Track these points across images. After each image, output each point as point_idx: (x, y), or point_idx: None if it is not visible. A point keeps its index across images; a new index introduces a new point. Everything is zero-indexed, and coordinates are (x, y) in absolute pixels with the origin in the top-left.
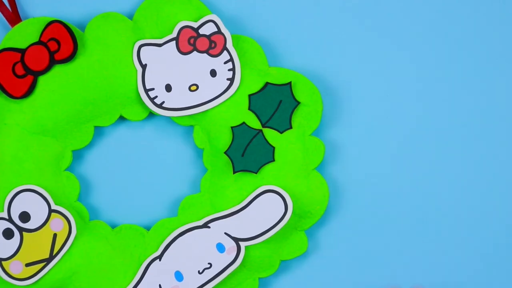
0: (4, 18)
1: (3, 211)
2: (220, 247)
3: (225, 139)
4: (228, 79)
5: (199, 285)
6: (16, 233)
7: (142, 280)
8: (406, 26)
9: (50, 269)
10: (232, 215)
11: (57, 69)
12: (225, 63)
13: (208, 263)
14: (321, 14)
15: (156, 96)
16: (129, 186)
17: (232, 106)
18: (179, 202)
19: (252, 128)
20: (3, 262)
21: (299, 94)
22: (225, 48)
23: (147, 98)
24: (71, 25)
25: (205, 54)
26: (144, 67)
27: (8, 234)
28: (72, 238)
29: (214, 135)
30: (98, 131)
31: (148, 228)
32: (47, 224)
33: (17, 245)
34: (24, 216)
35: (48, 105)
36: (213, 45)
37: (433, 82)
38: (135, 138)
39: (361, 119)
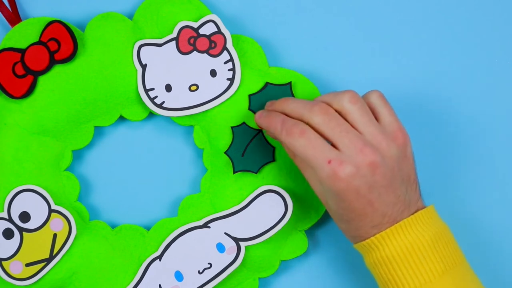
0: (4, 18)
1: (3, 211)
2: (220, 247)
3: (225, 139)
4: (228, 79)
5: (199, 285)
6: (16, 233)
7: (142, 280)
8: (404, 27)
9: (50, 269)
10: (232, 215)
11: (57, 69)
12: (225, 63)
13: (208, 263)
14: (321, 15)
15: (156, 96)
16: (129, 186)
17: (232, 106)
18: (179, 202)
19: (252, 128)
20: (3, 262)
21: (299, 94)
22: (225, 48)
23: (147, 98)
24: (71, 25)
25: (205, 54)
26: (144, 67)
27: (8, 234)
28: (72, 238)
29: (214, 135)
30: (98, 131)
31: (148, 228)
32: (47, 224)
33: (17, 245)
34: (24, 216)
35: (48, 105)
36: (213, 45)
37: (432, 82)
38: (135, 138)
39: None
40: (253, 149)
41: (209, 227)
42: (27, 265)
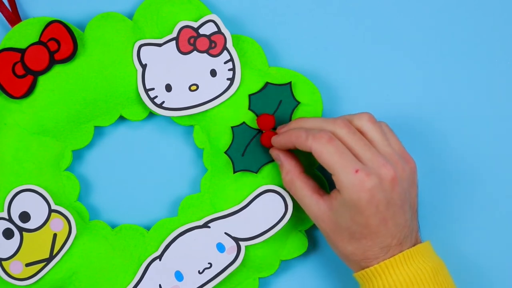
0: (4, 18)
1: (3, 211)
2: (220, 247)
3: (225, 139)
4: (228, 79)
5: (199, 285)
6: (16, 233)
7: (142, 280)
8: (404, 27)
9: (50, 269)
10: (232, 215)
11: (57, 69)
12: (225, 63)
13: (208, 263)
14: (321, 15)
15: (156, 96)
16: (129, 186)
17: (232, 106)
18: (179, 202)
19: (252, 128)
20: (3, 262)
21: (299, 94)
22: (225, 48)
23: (147, 98)
24: (71, 25)
25: (205, 54)
26: (144, 67)
27: (8, 234)
28: (72, 238)
29: (214, 135)
30: (98, 131)
31: (148, 228)
32: (47, 224)
33: (17, 245)
34: (24, 216)
35: (48, 105)
36: (213, 45)
37: (432, 81)
38: (135, 138)
39: None
40: (253, 149)
41: (209, 227)
42: (27, 265)
